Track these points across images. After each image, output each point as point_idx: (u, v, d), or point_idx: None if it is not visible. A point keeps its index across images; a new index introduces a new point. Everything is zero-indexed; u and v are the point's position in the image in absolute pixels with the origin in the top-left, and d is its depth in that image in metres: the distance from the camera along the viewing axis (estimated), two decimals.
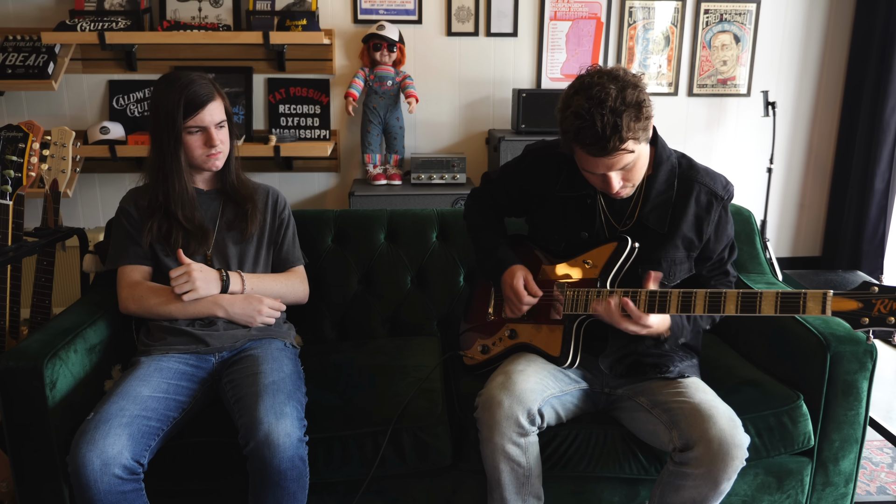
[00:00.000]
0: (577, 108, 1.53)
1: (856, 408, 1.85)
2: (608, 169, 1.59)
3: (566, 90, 1.61)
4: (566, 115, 1.56)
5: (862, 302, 1.41)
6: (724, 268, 1.82)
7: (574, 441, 1.77)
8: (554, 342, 1.78)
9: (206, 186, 1.97)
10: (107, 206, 3.87)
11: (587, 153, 1.57)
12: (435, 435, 1.77)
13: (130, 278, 1.88)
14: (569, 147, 1.62)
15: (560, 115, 1.59)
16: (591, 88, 1.53)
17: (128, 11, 3.52)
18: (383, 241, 2.36)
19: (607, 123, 1.50)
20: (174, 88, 1.79)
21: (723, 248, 1.80)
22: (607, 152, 1.54)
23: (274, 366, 1.77)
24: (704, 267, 1.80)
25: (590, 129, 1.51)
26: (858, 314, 1.41)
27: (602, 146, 1.53)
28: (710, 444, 1.53)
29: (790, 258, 4.35)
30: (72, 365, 1.72)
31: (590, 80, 1.55)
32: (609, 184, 1.62)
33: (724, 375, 1.93)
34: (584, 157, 1.60)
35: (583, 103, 1.52)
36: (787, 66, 4.05)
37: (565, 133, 1.58)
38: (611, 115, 1.50)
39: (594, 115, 1.50)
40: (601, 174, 1.62)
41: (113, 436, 1.52)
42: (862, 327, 1.41)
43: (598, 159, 1.57)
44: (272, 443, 1.55)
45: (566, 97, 1.59)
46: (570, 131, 1.55)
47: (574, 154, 1.65)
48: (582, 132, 1.53)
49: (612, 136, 1.51)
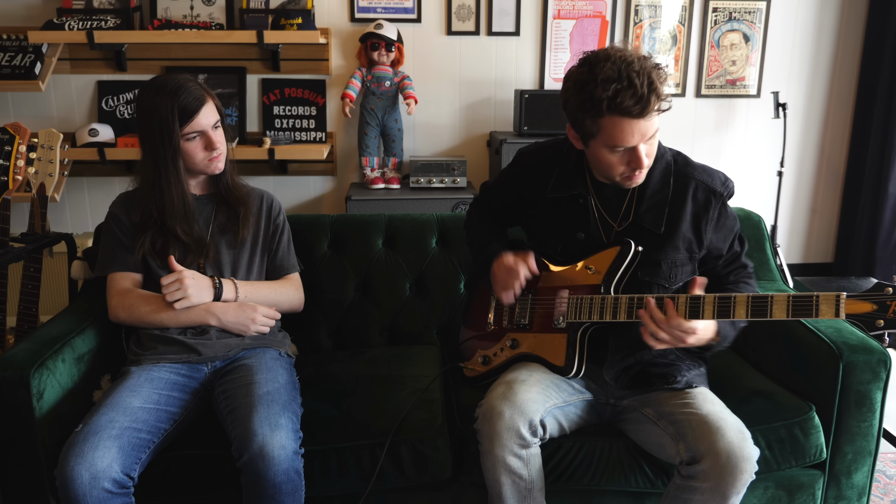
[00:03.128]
0: (606, 74, 1.55)
1: (869, 419, 1.86)
2: (642, 137, 1.60)
3: (572, 74, 1.63)
4: (593, 86, 1.56)
5: (876, 303, 1.41)
6: (741, 261, 1.82)
7: (578, 453, 1.78)
8: (557, 351, 1.79)
9: (199, 191, 1.97)
10: (96, 211, 3.88)
11: (627, 116, 1.57)
12: (434, 447, 1.78)
13: (120, 286, 1.89)
14: (595, 126, 1.62)
15: (581, 93, 1.59)
16: (609, 57, 1.57)
17: (117, 10, 3.54)
18: (381, 246, 2.37)
19: (643, 81, 1.53)
20: (164, 95, 1.79)
21: (731, 242, 1.80)
22: (647, 112, 1.56)
23: (268, 376, 1.78)
24: (718, 264, 1.80)
25: (629, 89, 1.53)
26: (873, 316, 1.40)
27: (644, 105, 1.54)
28: (719, 457, 1.53)
29: (801, 264, 4.36)
30: (60, 375, 1.73)
31: (601, 52, 1.59)
32: (639, 159, 1.63)
33: (732, 386, 1.94)
34: (620, 127, 1.59)
35: (611, 68, 1.55)
36: (798, 67, 4.07)
37: (595, 106, 1.57)
38: (644, 72, 1.54)
39: (630, 75, 1.53)
40: (629, 151, 1.62)
41: (102, 448, 1.52)
42: (877, 330, 1.40)
43: (635, 124, 1.57)
44: (266, 455, 1.55)
45: (581, 75, 1.60)
46: (603, 100, 1.55)
47: (599, 134, 1.63)
48: (621, 94, 1.54)
49: (650, 93, 1.54)
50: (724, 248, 1.79)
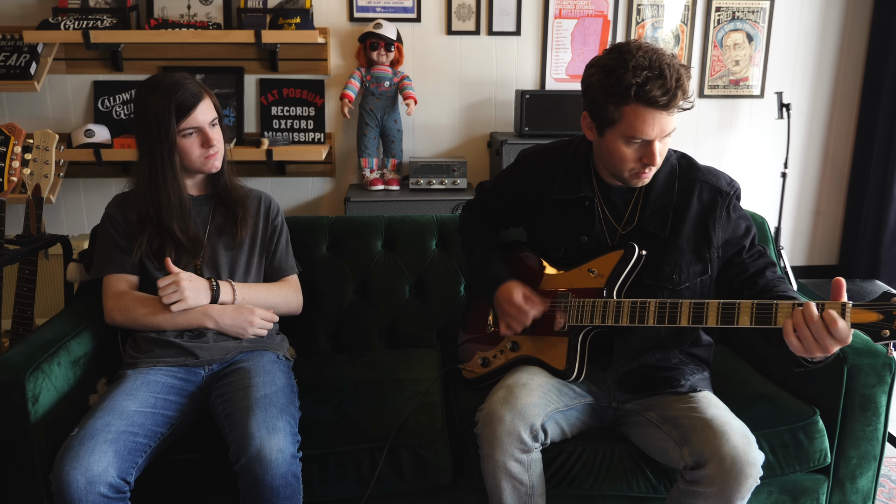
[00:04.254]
0: (639, 61, 1.56)
1: (874, 423, 1.86)
2: (661, 132, 1.61)
3: (599, 62, 1.64)
4: (623, 71, 1.57)
5: (882, 313, 1.41)
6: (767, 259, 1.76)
7: (579, 458, 1.78)
8: (558, 355, 1.78)
9: (196, 192, 1.98)
10: (92, 213, 3.88)
11: (651, 106, 1.57)
12: (434, 451, 1.78)
13: (116, 288, 1.89)
14: (617, 113, 1.61)
15: (609, 77, 1.59)
16: (641, 47, 1.59)
17: (113, 9, 3.54)
18: (380, 248, 2.37)
19: (673, 75, 1.55)
20: (161, 93, 1.80)
21: (751, 238, 1.77)
22: (672, 105, 1.57)
23: (266, 379, 1.78)
24: (742, 258, 1.76)
25: (659, 79, 1.55)
26: (879, 326, 1.41)
27: (672, 97, 1.56)
28: (723, 462, 1.53)
29: (805, 267, 4.36)
30: (55, 378, 1.73)
31: (633, 42, 1.62)
32: (652, 154, 1.64)
33: (736, 389, 1.94)
34: (642, 116, 1.59)
35: (644, 56, 1.56)
36: (802, 67, 4.07)
37: (623, 90, 1.57)
38: (675, 67, 1.56)
39: (662, 66, 1.55)
40: (644, 146, 1.63)
41: (98, 452, 1.52)
42: (882, 340, 1.40)
43: (658, 116, 1.58)
44: (264, 459, 1.56)
45: (611, 61, 1.60)
46: (632, 85, 1.56)
47: (619, 122, 1.62)
48: (650, 82, 1.55)
49: (677, 87, 1.56)
50: (745, 241, 1.76)
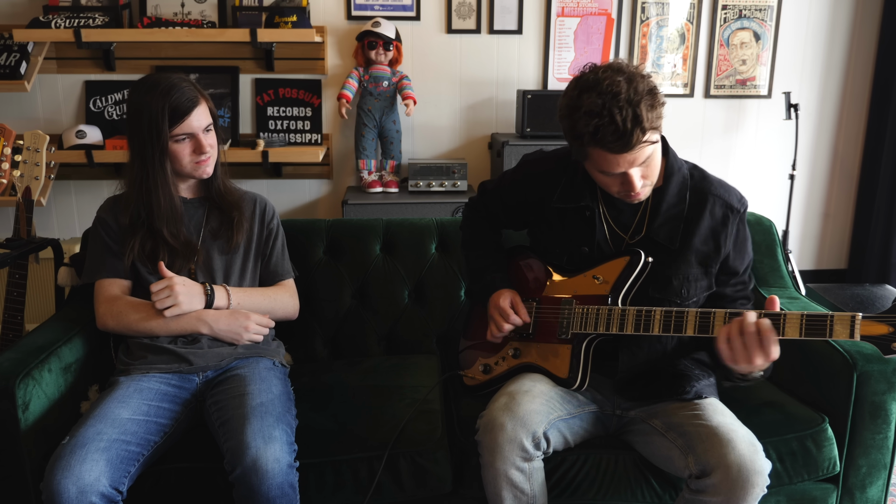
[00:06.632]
0: (589, 107, 1.53)
1: (884, 431, 1.86)
2: (630, 165, 1.59)
3: (566, 93, 1.62)
4: (577, 117, 1.56)
5: (893, 326, 1.40)
6: (747, 292, 1.82)
7: (583, 467, 1.78)
8: (561, 362, 1.79)
9: (190, 194, 1.98)
10: (83, 216, 3.88)
11: (609, 151, 1.56)
12: (434, 460, 1.78)
13: (108, 293, 1.89)
14: (583, 152, 1.62)
15: (568, 120, 1.59)
16: (598, 84, 1.54)
17: (105, 7, 3.55)
18: (379, 252, 2.38)
19: (627, 116, 1.51)
20: (156, 95, 1.80)
21: (746, 267, 1.80)
22: (630, 147, 1.54)
23: (262, 386, 1.78)
24: (728, 284, 1.79)
25: (609, 126, 1.52)
26: (889, 339, 1.40)
27: (626, 141, 1.53)
28: (729, 471, 1.53)
29: (814, 271, 4.36)
30: (46, 385, 1.73)
31: (593, 76, 1.57)
32: (631, 183, 1.62)
33: (743, 396, 1.94)
34: (605, 157, 1.59)
35: (595, 100, 1.53)
36: (810, 66, 4.08)
37: (578, 137, 1.57)
38: (628, 106, 1.51)
39: (612, 110, 1.51)
40: (621, 175, 1.62)
41: (90, 461, 1.52)
42: (892, 353, 1.40)
43: (621, 157, 1.57)
44: (260, 468, 1.56)
45: (570, 100, 1.59)
46: (585, 133, 1.55)
47: (587, 159, 1.64)
48: (601, 130, 1.53)
49: (633, 128, 1.52)
50: (740, 268, 1.79)
